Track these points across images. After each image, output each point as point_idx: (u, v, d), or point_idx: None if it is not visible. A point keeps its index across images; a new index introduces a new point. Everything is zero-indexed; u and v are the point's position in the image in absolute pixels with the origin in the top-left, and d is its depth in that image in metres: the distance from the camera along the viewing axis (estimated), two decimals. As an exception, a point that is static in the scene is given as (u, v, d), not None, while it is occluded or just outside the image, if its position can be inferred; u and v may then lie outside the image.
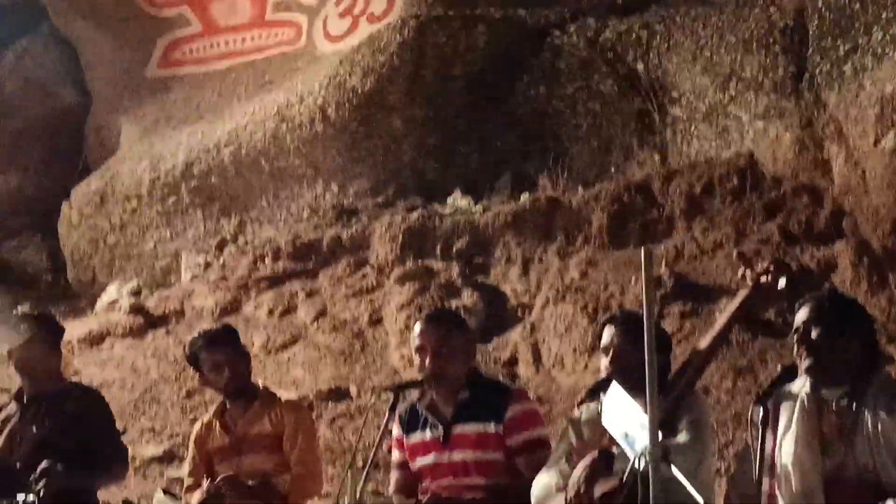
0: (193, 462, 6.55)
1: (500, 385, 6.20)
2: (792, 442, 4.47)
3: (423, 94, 12.43)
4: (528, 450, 5.52)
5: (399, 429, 5.83)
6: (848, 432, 4.39)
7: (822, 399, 4.49)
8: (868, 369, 4.48)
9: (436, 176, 12.57)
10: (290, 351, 11.29)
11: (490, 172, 12.33)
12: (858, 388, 4.44)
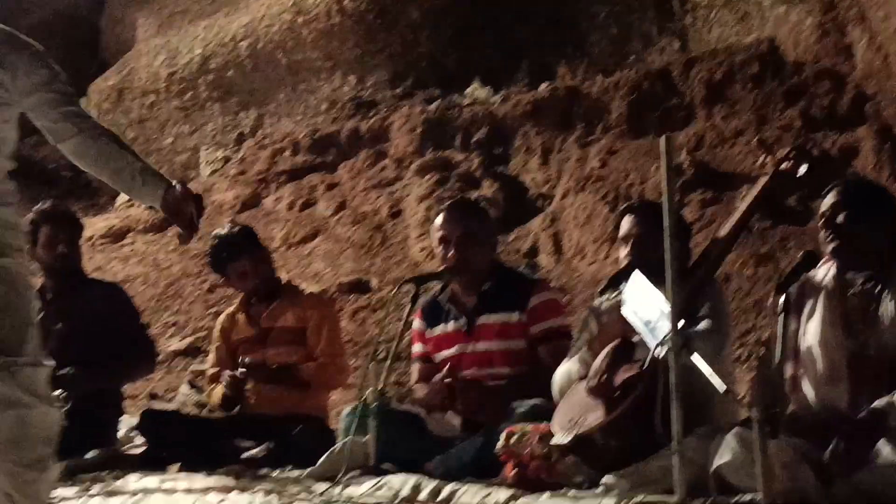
0: (218, 353, 6.61)
1: (523, 275, 6.22)
2: (818, 324, 4.49)
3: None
4: (550, 339, 5.55)
5: (421, 322, 5.86)
6: (871, 314, 4.41)
7: (846, 282, 4.50)
8: (892, 254, 4.48)
9: (454, 66, 12.49)
10: (311, 244, 11.32)
11: (509, 62, 12.24)
12: (882, 272, 4.45)
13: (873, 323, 4.41)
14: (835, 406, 4.44)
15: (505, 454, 4.86)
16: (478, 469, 5.05)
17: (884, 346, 4.37)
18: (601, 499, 4.41)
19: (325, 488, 4.89)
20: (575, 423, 4.75)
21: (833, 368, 4.45)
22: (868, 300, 4.44)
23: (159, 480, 5.30)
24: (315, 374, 6.30)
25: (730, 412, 4.88)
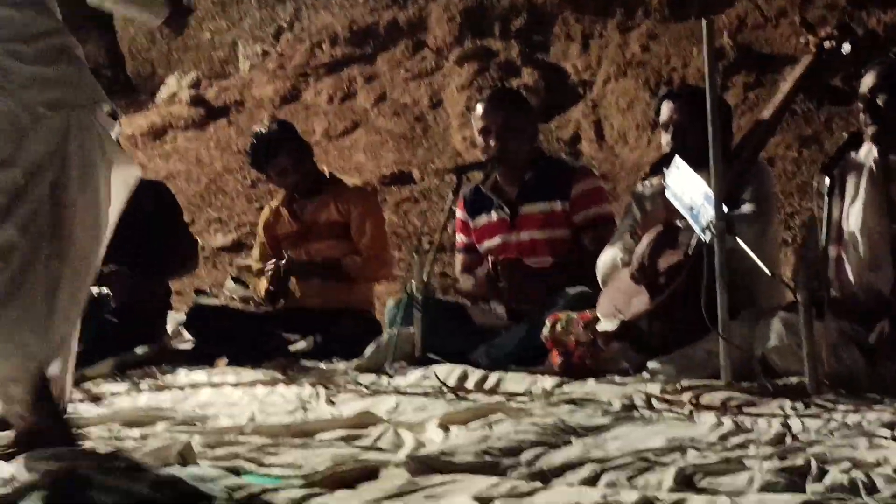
0: (262, 247, 6.63)
1: (565, 163, 6.18)
2: (860, 209, 4.45)
3: None
4: (593, 225, 5.54)
5: (464, 212, 5.85)
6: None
7: (890, 165, 4.44)
8: None
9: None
10: (352, 137, 11.30)
11: (546, -52, 12.07)
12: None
13: (916, 206, 4.38)
14: (878, 291, 4.41)
15: (550, 342, 4.87)
16: (523, 357, 5.08)
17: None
18: (647, 384, 4.43)
19: (372, 379, 4.92)
20: (620, 309, 4.75)
21: (875, 253, 4.42)
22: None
23: (207, 375, 5.35)
24: (360, 268, 6.31)
25: (775, 295, 4.87)
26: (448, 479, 2.81)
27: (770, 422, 3.60)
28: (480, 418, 3.78)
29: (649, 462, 2.94)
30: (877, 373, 4.21)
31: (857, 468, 2.81)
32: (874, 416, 3.60)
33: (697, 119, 4.60)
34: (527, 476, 2.88)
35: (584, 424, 3.58)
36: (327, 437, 3.53)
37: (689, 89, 5.29)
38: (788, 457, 2.97)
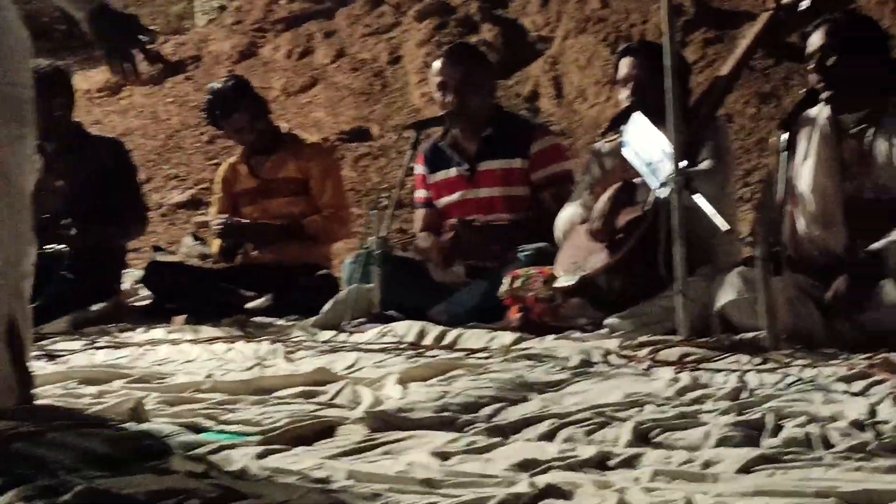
0: (220, 203, 6.58)
1: (524, 121, 6.18)
2: (811, 168, 4.46)
3: None
4: (553, 183, 5.54)
5: (423, 167, 5.83)
6: (866, 156, 4.37)
7: (841, 124, 4.44)
8: (885, 91, 4.42)
9: None
10: (310, 93, 11.25)
11: None
12: (876, 111, 4.39)
13: (869, 164, 4.38)
14: (831, 249, 4.43)
15: (509, 298, 4.88)
16: (482, 314, 5.08)
17: (881, 187, 4.35)
18: (605, 340, 4.44)
19: (330, 336, 4.92)
20: (578, 265, 4.75)
21: (827, 212, 4.43)
22: (864, 142, 4.40)
23: (165, 332, 5.32)
24: (320, 227, 6.29)
25: (733, 251, 4.88)
26: (406, 436, 2.80)
27: (727, 377, 3.62)
28: (439, 375, 3.78)
29: (607, 417, 2.95)
30: (833, 328, 4.25)
31: (813, 423, 2.82)
32: (830, 371, 3.62)
33: (656, 75, 4.60)
34: (485, 432, 2.88)
35: (542, 380, 3.58)
36: (285, 394, 3.52)
37: (647, 45, 5.28)
38: (745, 412, 2.99)
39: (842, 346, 4.10)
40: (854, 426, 2.79)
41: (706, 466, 2.46)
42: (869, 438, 2.68)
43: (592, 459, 2.54)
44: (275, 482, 2.37)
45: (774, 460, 2.47)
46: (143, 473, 2.33)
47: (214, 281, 6.24)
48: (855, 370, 3.58)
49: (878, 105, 4.40)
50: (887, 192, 4.34)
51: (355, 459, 2.64)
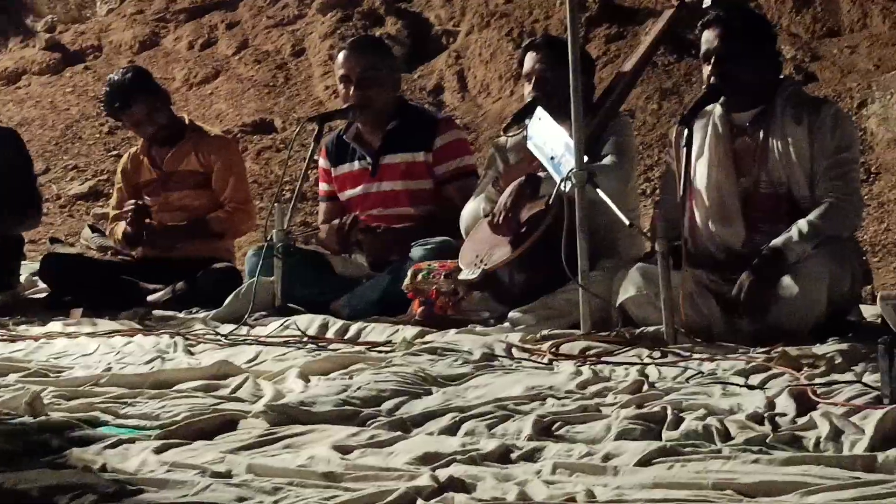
0: (120, 194, 6.49)
1: (428, 114, 6.16)
2: (705, 164, 4.50)
3: None
4: (456, 177, 5.53)
5: (326, 160, 5.80)
6: (761, 151, 4.43)
7: (734, 121, 4.50)
8: (775, 85, 4.48)
9: None
10: (213, 84, 11.15)
11: None
12: (768, 107, 4.45)
13: (763, 160, 4.44)
14: (730, 244, 4.48)
15: (411, 292, 4.87)
16: (384, 307, 5.07)
17: (776, 181, 4.42)
18: (507, 334, 4.45)
19: (231, 329, 4.88)
20: (481, 259, 4.76)
21: (725, 208, 4.48)
22: (757, 138, 4.46)
23: (62, 325, 5.25)
24: (225, 223, 6.23)
25: (635, 246, 4.93)
26: (307, 429, 2.80)
27: (628, 370, 3.65)
28: (341, 368, 3.78)
29: (509, 411, 2.97)
30: (732, 323, 4.30)
31: (712, 415, 2.86)
32: (729, 365, 3.67)
33: (560, 70, 4.62)
34: (387, 425, 2.88)
35: (444, 374, 3.59)
36: (185, 388, 3.50)
37: (551, 40, 5.30)
38: (645, 405, 3.02)
39: (741, 340, 4.16)
40: (752, 419, 2.83)
41: (606, 459, 2.48)
42: (766, 431, 2.72)
43: (494, 452, 2.55)
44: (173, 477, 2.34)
45: (674, 453, 2.50)
46: (38, 468, 2.30)
47: (114, 273, 6.15)
48: (753, 364, 3.63)
49: (769, 101, 4.45)
50: (782, 186, 4.41)
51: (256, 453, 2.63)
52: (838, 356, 3.63)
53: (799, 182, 4.39)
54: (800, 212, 4.36)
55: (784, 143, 4.39)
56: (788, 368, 3.51)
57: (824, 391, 3.16)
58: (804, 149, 4.38)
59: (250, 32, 11.70)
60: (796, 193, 4.40)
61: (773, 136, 4.41)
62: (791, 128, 4.38)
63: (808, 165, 4.39)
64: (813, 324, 4.17)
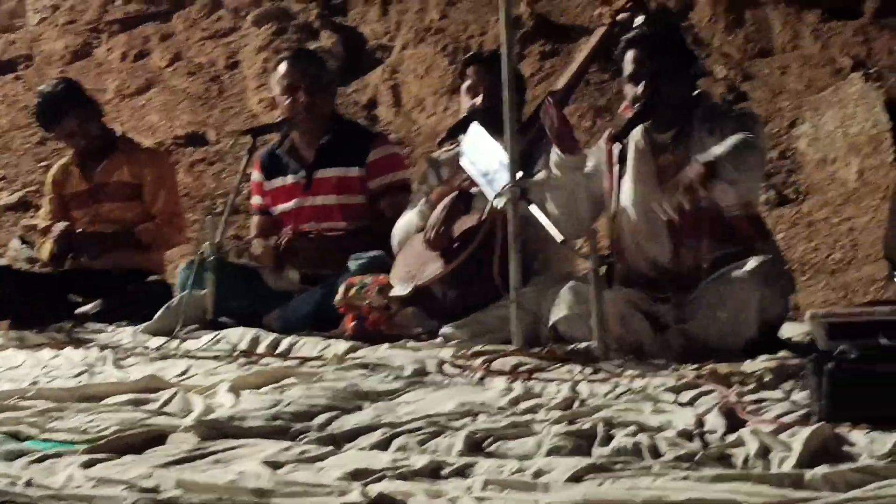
0: (51, 204, 6.43)
1: (362, 129, 6.17)
2: (630, 182, 4.52)
3: None
4: (389, 192, 5.53)
5: (260, 174, 5.78)
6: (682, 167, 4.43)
7: (655, 141, 4.52)
8: (694, 103, 4.51)
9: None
10: (146, 96, 11.07)
11: None
12: (687, 124, 4.48)
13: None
14: (658, 262, 4.51)
15: (344, 306, 4.86)
16: (317, 321, 5.06)
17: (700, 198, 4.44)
18: (439, 349, 4.45)
19: (162, 343, 4.84)
20: (413, 274, 4.76)
21: (651, 225, 4.50)
22: (679, 156, 4.48)
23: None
24: (154, 234, 6.19)
25: (567, 262, 4.94)
26: (238, 444, 2.78)
27: (559, 387, 3.66)
28: (272, 383, 3.76)
29: (440, 426, 2.96)
30: (664, 340, 4.32)
31: (642, 432, 2.87)
32: (659, 382, 3.68)
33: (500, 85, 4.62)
34: (318, 441, 2.87)
35: (376, 389, 3.58)
36: (114, 402, 3.46)
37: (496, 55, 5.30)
38: (576, 421, 3.02)
39: (671, 356, 4.18)
40: (682, 436, 2.85)
41: (537, 475, 2.48)
42: (696, 448, 2.73)
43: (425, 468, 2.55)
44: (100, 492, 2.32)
45: (604, 469, 2.51)
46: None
47: (42, 286, 6.09)
48: (684, 381, 3.65)
49: (689, 118, 4.48)
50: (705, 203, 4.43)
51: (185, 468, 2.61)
52: (768, 373, 3.66)
53: (723, 193, 4.41)
54: (723, 226, 4.40)
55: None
56: (718, 385, 3.53)
57: (753, 408, 3.19)
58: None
59: (184, 44, 11.63)
60: (723, 205, 4.41)
61: (693, 152, 4.43)
62: (709, 141, 4.40)
63: None
64: (743, 345, 4.21)
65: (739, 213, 4.44)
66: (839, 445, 2.73)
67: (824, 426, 2.80)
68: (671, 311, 4.39)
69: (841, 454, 2.67)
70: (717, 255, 4.38)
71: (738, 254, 4.36)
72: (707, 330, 4.23)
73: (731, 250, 4.39)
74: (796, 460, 2.58)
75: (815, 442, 2.66)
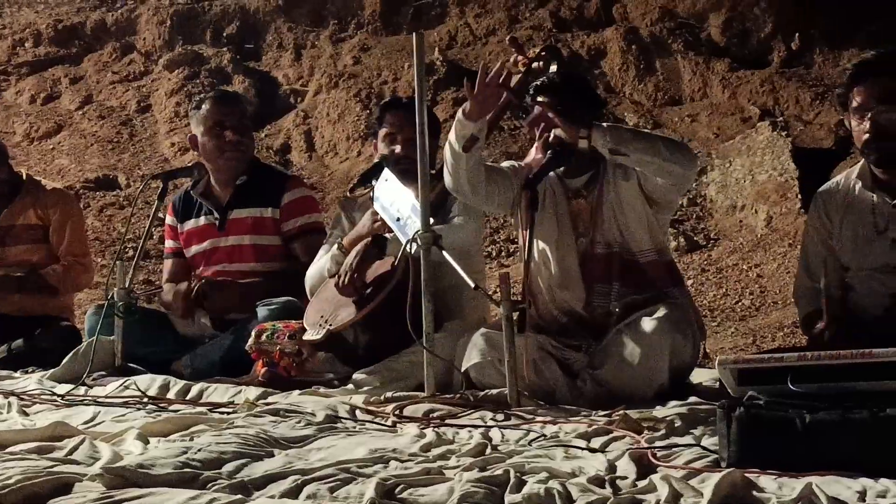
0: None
1: (277, 171, 6.15)
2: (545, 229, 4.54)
3: None
4: (303, 234, 5.51)
5: (173, 217, 5.74)
6: (595, 212, 4.49)
7: (569, 187, 4.56)
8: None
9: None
10: (55, 139, 10.97)
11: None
12: (599, 170, 4.52)
13: (597, 222, 4.51)
14: (572, 308, 4.53)
15: (255, 352, 4.82)
16: (227, 367, 5.02)
17: (610, 241, 4.49)
18: (351, 395, 4.43)
19: (69, 389, 4.77)
20: (326, 319, 4.74)
21: (565, 271, 4.53)
22: (592, 201, 4.52)
23: None
24: (60, 276, 6.12)
25: (479, 308, 4.94)
26: (146, 493, 2.74)
27: (471, 433, 3.65)
28: (181, 430, 3.71)
29: (351, 473, 2.94)
30: (575, 387, 4.33)
31: (554, 478, 2.87)
32: (571, 428, 3.69)
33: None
34: (228, 488, 2.83)
35: (287, 436, 3.55)
36: (18, 450, 3.40)
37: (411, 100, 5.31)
38: (488, 468, 3.01)
39: (584, 403, 4.19)
40: (593, 482, 2.85)
41: (450, 523, 2.47)
42: (607, 494, 2.73)
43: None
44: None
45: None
46: None
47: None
48: (595, 427, 3.66)
49: (600, 165, 4.52)
50: (615, 245, 4.48)
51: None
52: (678, 419, 3.68)
53: (635, 236, 4.46)
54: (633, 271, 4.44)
55: (618, 202, 4.48)
56: (629, 431, 3.55)
57: (664, 454, 3.20)
58: (637, 201, 4.46)
59: (95, 87, 11.56)
60: (634, 249, 4.47)
61: (606, 196, 4.48)
62: (622, 185, 4.47)
63: (645, 215, 4.47)
64: (654, 392, 4.23)
65: (654, 258, 4.48)
66: (749, 491, 2.74)
67: (734, 472, 2.81)
68: (583, 359, 4.41)
69: (750, 499, 2.69)
70: (628, 301, 4.41)
71: (650, 299, 4.39)
72: (618, 377, 4.25)
73: (644, 295, 4.42)
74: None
75: (724, 487, 2.68)
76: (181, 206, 5.71)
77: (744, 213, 7.94)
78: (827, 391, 3.06)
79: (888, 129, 4.01)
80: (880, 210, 4.15)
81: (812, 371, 3.13)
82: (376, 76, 10.25)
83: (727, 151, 8.21)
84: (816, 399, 3.03)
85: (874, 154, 4.07)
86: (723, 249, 7.67)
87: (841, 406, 2.98)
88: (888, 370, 3.07)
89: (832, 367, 3.14)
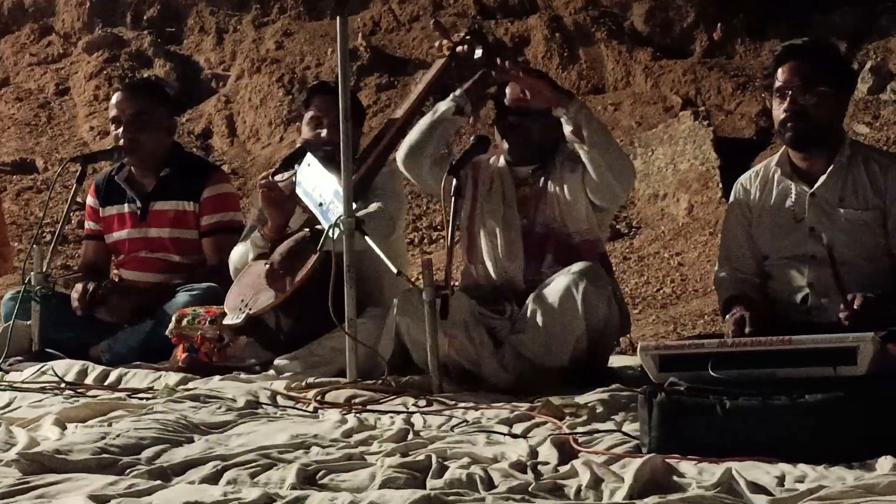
0: None
1: (202, 163, 6.07)
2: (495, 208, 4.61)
3: None
4: (216, 231, 5.44)
5: (95, 199, 5.66)
6: (540, 198, 4.58)
7: (517, 174, 4.64)
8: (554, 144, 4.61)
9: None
10: (-30, 122, 10.80)
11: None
12: (546, 162, 4.60)
13: (541, 205, 4.59)
14: (512, 278, 4.58)
15: (176, 337, 4.78)
16: (147, 353, 4.97)
17: (549, 221, 4.58)
18: (273, 381, 4.41)
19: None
20: (246, 303, 4.71)
21: (511, 245, 4.62)
22: (536, 187, 4.60)
23: None
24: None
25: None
26: (63, 479, 2.70)
27: (393, 419, 3.65)
28: (99, 415, 3.68)
29: (272, 459, 2.93)
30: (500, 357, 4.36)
31: (476, 464, 2.87)
32: (493, 413, 3.70)
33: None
34: (146, 474, 2.81)
35: (207, 421, 3.53)
36: (-69, 437, 3.34)
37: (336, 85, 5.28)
38: (410, 453, 3.01)
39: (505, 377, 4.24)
40: (515, 467, 2.86)
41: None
42: (529, 479, 2.74)
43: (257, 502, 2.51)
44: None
45: (438, 501, 2.50)
46: None
47: None
48: (517, 413, 3.67)
49: (547, 157, 4.60)
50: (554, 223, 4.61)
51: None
52: (599, 405, 3.70)
53: (578, 217, 4.60)
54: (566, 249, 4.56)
55: (561, 189, 4.60)
56: (551, 417, 3.56)
57: (585, 440, 3.22)
58: (580, 195, 4.57)
59: (12, 69, 11.39)
60: (571, 230, 4.59)
61: (552, 183, 4.62)
62: (568, 175, 4.60)
63: (584, 209, 4.59)
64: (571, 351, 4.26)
65: (588, 240, 4.60)
66: (669, 476, 2.77)
67: (655, 457, 2.83)
68: (507, 325, 4.45)
69: (671, 484, 2.71)
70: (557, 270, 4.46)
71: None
72: (536, 335, 4.30)
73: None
74: (627, 491, 2.61)
75: (645, 473, 2.70)
76: (105, 189, 5.63)
77: (665, 201, 7.99)
78: (747, 378, 3.10)
79: (806, 110, 4.08)
80: (798, 199, 4.20)
81: (732, 358, 3.17)
82: (299, 61, 10.19)
83: (649, 140, 8.26)
84: (736, 385, 3.06)
85: (790, 133, 4.14)
86: (644, 238, 7.72)
87: (761, 392, 3.01)
88: (807, 357, 3.11)
89: (752, 354, 3.18)
